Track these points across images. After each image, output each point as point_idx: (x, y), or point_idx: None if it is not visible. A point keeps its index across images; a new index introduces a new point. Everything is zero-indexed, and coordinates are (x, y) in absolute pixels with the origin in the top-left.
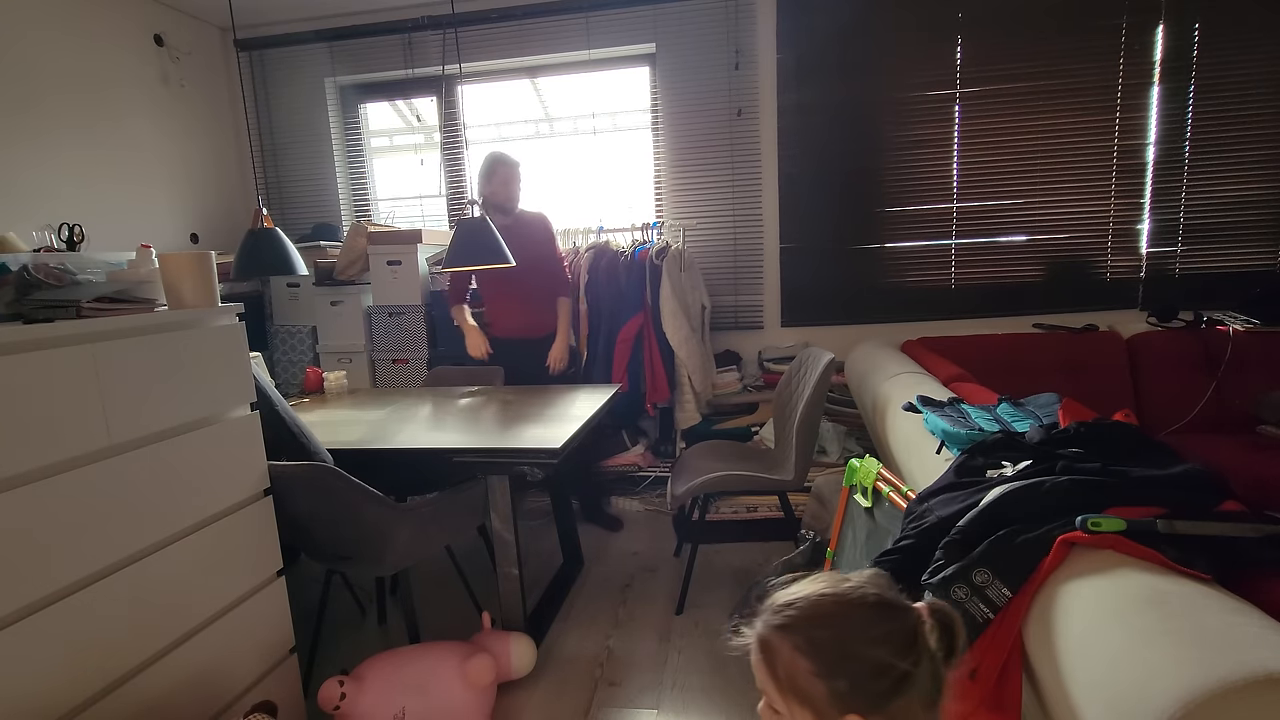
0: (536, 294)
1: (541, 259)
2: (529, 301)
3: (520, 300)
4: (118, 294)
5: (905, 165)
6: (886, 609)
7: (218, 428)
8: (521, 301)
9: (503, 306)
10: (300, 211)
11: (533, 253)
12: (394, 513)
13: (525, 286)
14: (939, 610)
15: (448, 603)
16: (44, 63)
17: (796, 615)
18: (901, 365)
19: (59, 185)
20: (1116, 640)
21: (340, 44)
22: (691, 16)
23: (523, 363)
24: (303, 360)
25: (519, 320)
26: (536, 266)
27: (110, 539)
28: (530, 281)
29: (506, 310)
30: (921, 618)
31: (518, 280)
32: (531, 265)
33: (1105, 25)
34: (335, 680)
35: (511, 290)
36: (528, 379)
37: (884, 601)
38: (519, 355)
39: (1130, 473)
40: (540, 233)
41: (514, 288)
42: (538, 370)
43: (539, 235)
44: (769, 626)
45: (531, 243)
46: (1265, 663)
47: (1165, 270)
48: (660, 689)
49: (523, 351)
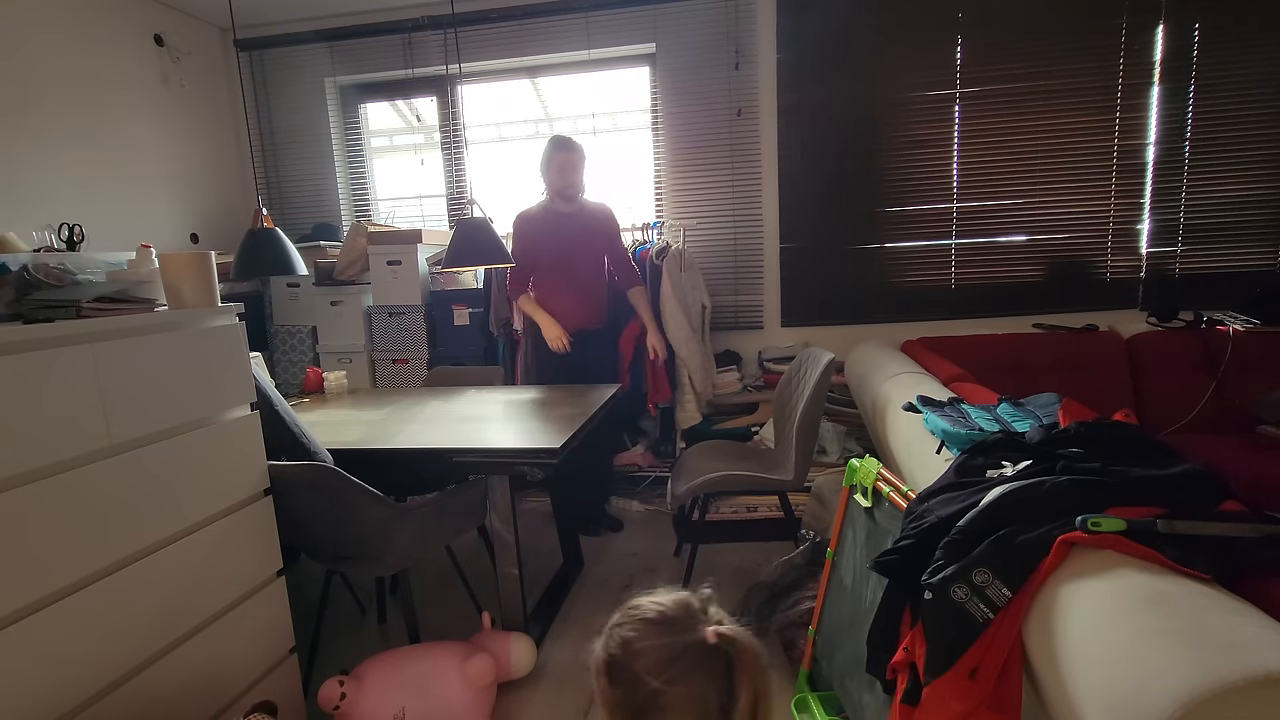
0: (597, 286)
1: (606, 250)
2: (590, 293)
3: (581, 292)
4: (118, 294)
5: (905, 165)
6: (659, 625)
7: (218, 428)
8: (582, 293)
9: (564, 299)
10: (300, 211)
11: (597, 244)
12: (394, 513)
13: (586, 278)
14: (725, 638)
15: (448, 603)
16: (44, 63)
17: (614, 624)
18: (901, 365)
19: (59, 185)
20: (1116, 640)
21: (340, 44)
22: (691, 16)
23: (586, 357)
24: (303, 360)
25: (581, 313)
26: (599, 258)
27: (110, 539)
28: (592, 273)
29: (568, 302)
30: (704, 641)
31: (579, 271)
32: (595, 256)
33: (1105, 25)
34: (335, 680)
35: (572, 282)
36: (593, 374)
37: (663, 618)
38: (582, 348)
39: (1130, 473)
40: (605, 223)
41: (575, 279)
42: (600, 364)
43: (603, 226)
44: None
45: (598, 233)
46: (1265, 663)
47: (1165, 270)
48: None
49: (584, 344)
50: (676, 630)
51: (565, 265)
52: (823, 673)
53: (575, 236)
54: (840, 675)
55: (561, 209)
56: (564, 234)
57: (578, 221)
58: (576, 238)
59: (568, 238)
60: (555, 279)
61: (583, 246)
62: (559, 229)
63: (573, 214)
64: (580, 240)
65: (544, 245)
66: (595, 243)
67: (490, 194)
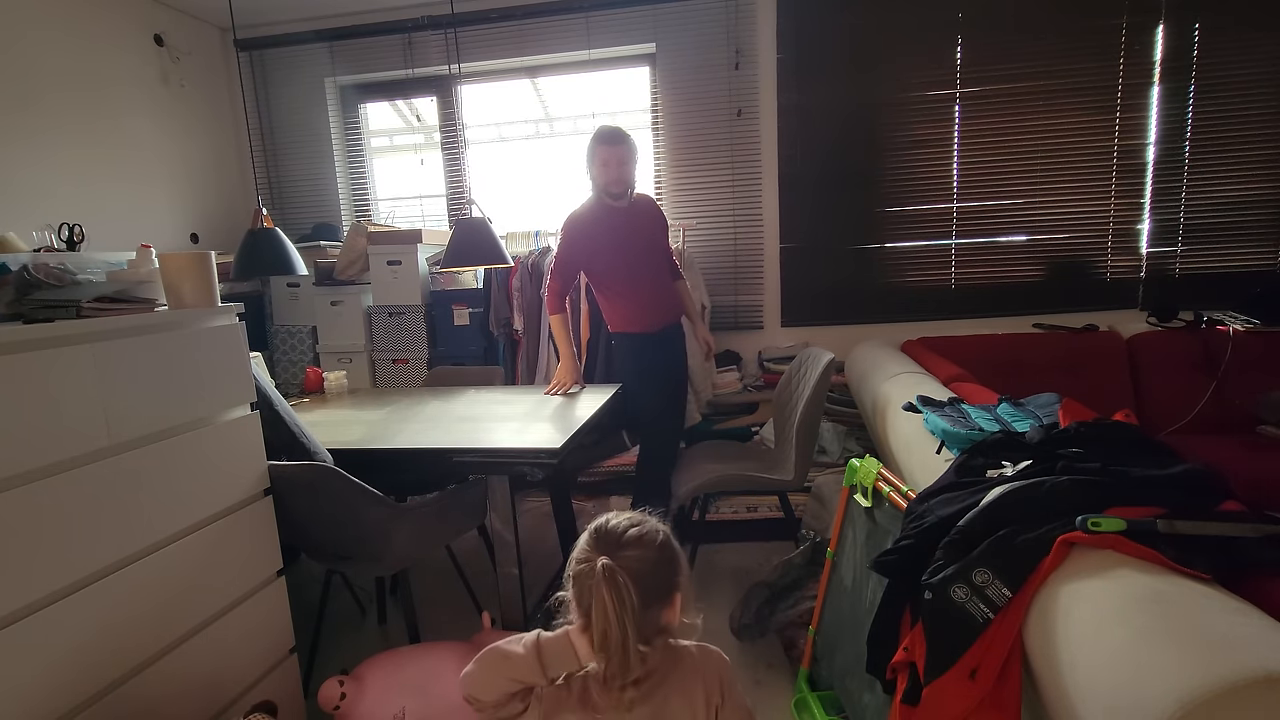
0: (666, 280)
1: (663, 244)
2: (665, 288)
3: (659, 289)
4: (118, 294)
5: (905, 165)
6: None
7: (218, 428)
8: (660, 290)
9: (644, 298)
10: (300, 211)
11: (656, 238)
12: (394, 513)
13: (657, 274)
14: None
15: (448, 603)
16: (44, 63)
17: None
18: (901, 365)
19: (59, 185)
20: (1116, 640)
21: (340, 44)
22: (691, 16)
23: (678, 353)
24: (303, 360)
25: (665, 310)
26: (660, 252)
27: (110, 539)
28: (661, 268)
29: (650, 301)
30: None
31: (650, 269)
32: (658, 251)
33: (1105, 25)
34: (335, 680)
35: (647, 281)
36: (684, 369)
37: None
38: (674, 345)
39: (1130, 473)
40: (657, 216)
41: (649, 277)
42: (685, 358)
43: (656, 218)
44: None
45: (655, 227)
46: (1265, 663)
47: (1165, 270)
48: None
49: (674, 340)
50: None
51: (634, 265)
52: (823, 673)
53: (635, 233)
54: (840, 675)
55: (613, 205)
56: (624, 232)
57: (632, 217)
58: (637, 234)
59: (629, 235)
60: (628, 280)
61: (645, 244)
62: (618, 228)
63: (625, 210)
64: (641, 237)
65: (605, 247)
66: (654, 238)
67: (490, 194)
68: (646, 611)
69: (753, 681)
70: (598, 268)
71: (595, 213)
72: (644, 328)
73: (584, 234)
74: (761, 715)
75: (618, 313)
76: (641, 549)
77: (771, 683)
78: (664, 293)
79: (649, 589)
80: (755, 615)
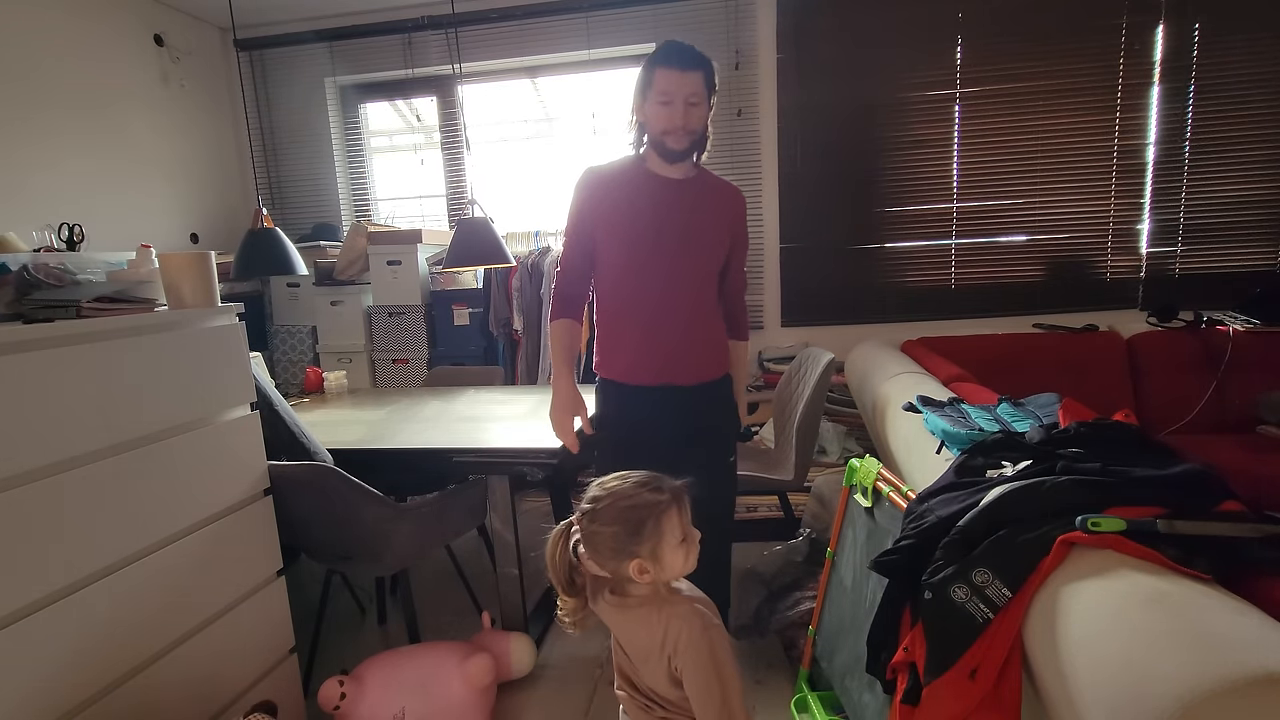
0: (705, 311)
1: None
2: (694, 321)
3: (681, 314)
4: (118, 294)
5: (905, 165)
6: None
7: (218, 428)
8: (682, 316)
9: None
10: (300, 211)
11: (716, 241)
12: (394, 513)
13: (691, 291)
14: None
15: (448, 603)
16: (44, 63)
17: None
18: (901, 365)
19: (59, 185)
20: (1116, 640)
21: (340, 44)
22: (691, 16)
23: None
24: (303, 360)
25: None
26: (714, 264)
27: (110, 539)
28: (700, 285)
29: (656, 337)
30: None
31: (681, 280)
32: (709, 259)
33: (1105, 25)
34: (335, 680)
35: (666, 296)
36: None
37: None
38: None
39: (1130, 473)
40: (733, 211)
41: (672, 292)
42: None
43: (731, 214)
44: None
45: (723, 224)
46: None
47: (1165, 270)
48: None
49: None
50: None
51: (658, 264)
52: (823, 673)
53: (683, 217)
54: (840, 675)
55: (663, 170)
56: (665, 214)
57: (689, 195)
58: (684, 220)
59: (669, 215)
60: (637, 287)
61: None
62: (659, 205)
63: (682, 182)
64: (690, 227)
65: (624, 224)
66: (710, 248)
67: (490, 194)
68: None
69: (753, 681)
70: (602, 253)
71: (629, 173)
72: (621, 372)
73: (604, 196)
74: (762, 715)
75: (599, 337)
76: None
77: (771, 683)
78: (693, 330)
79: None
80: (755, 615)
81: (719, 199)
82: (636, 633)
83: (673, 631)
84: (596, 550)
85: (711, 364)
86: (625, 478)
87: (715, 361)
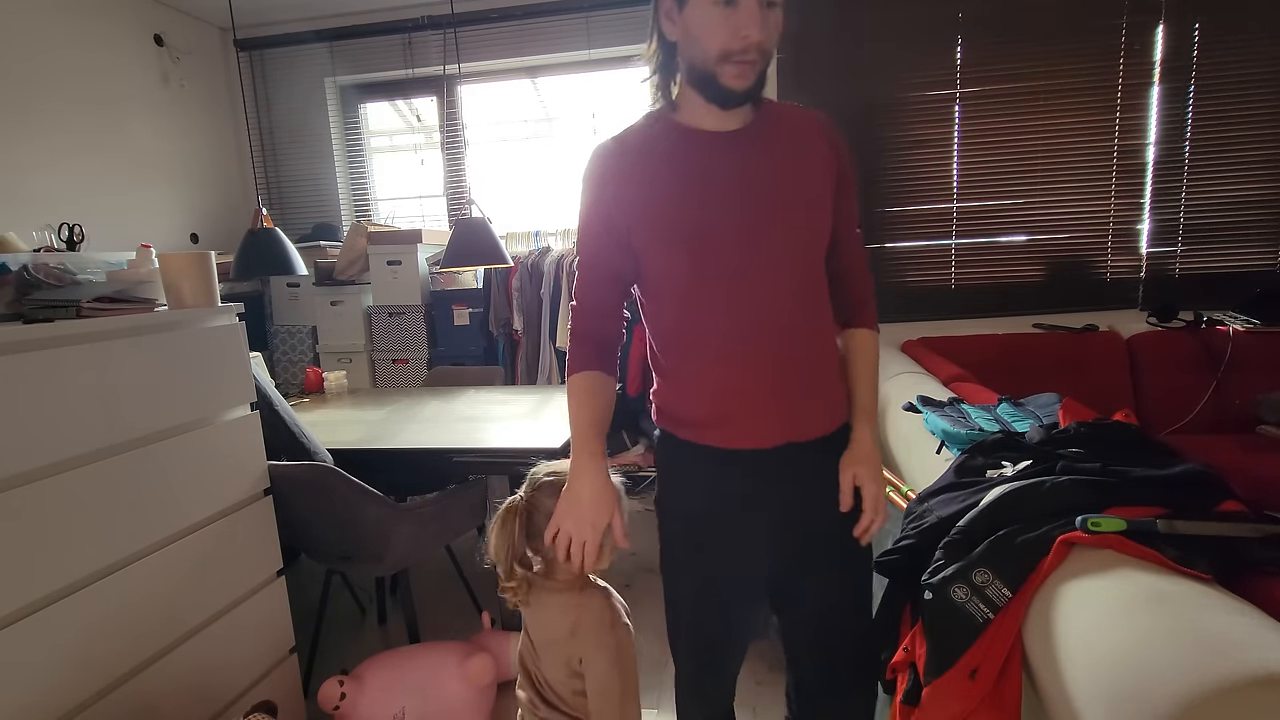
0: (820, 312)
1: (829, 215)
2: (813, 334)
3: (787, 335)
4: (118, 294)
5: (905, 165)
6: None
7: (218, 428)
8: (793, 337)
9: (743, 363)
10: (300, 211)
11: (809, 199)
12: (394, 513)
13: (797, 297)
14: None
15: (448, 603)
16: (44, 63)
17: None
18: (901, 365)
19: (59, 185)
20: (1116, 640)
21: (340, 44)
22: None
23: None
24: (303, 360)
25: (791, 393)
26: (819, 240)
27: (110, 539)
28: (805, 284)
29: (752, 371)
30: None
31: (778, 282)
32: (812, 237)
33: (1105, 25)
34: (335, 680)
35: (765, 316)
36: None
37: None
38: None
39: (1130, 473)
40: (817, 146)
41: (772, 307)
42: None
43: (816, 151)
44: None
45: (803, 170)
46: (1265, 663)
47: (1165, 270)
48: (660, 689)
49: (790, 474)
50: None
51: (740, 258)
52: None
53: (760, 178)
54: None
55: (711, 120)
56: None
57: (759, 145)
58: (762, 182)
59: (739, 183)
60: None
61: (785, 208)
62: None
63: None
64: (773, 188)
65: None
66: (812, 192)
67: (490, 194)
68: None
69: (753, 681)
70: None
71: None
72: (702, 429)
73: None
74: (762, 715)
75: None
76: (551, 494)
77: (772, 683)
78: (807, 357)
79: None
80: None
81: (800, 131)
82: (549, 617)
83: (585, 620)
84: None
85: (843, 396)
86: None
87: (845, 391)
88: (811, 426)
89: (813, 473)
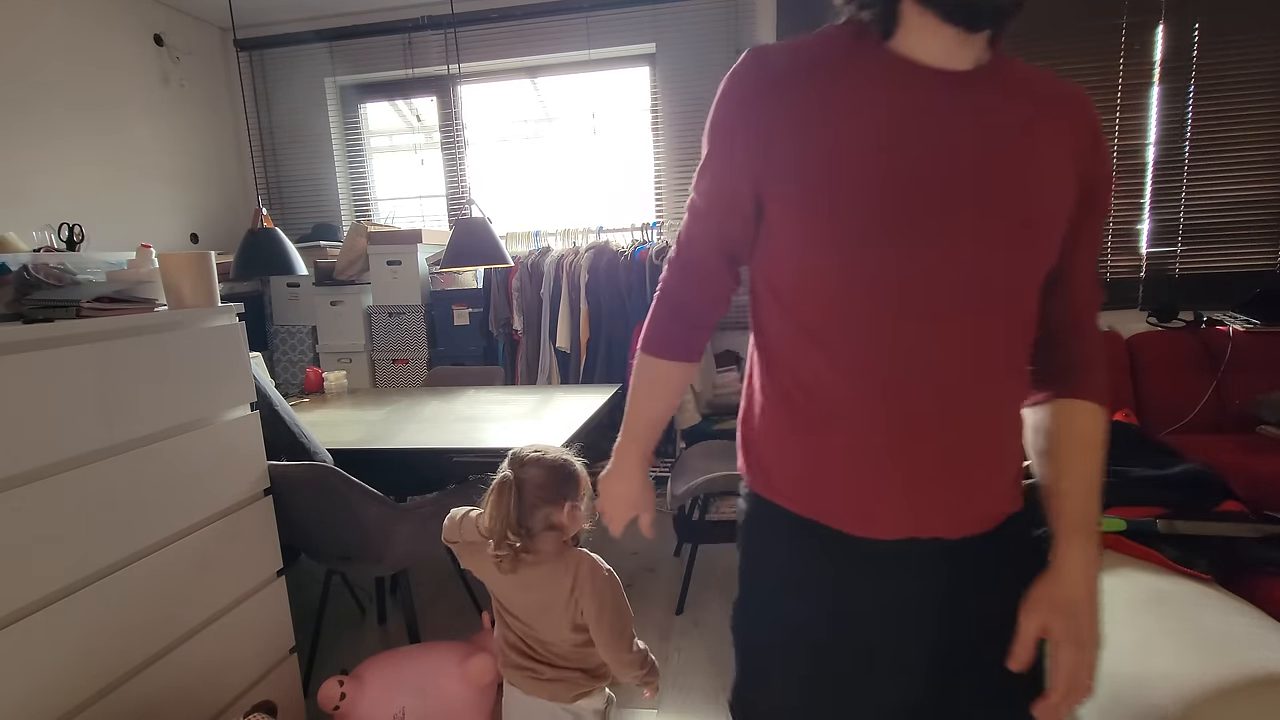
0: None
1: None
2: (1001, 399)
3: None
4: (118, 294)
5: None
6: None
7: (218, 428)
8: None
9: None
10: (300, 211)
11: (1045, 209)
12: (394, 513)
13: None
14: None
15: (448, 603)
16: (44, 63)
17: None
18: None
19: (59, 185)
20: (1117, 640)
21: (340, 44)
22: (691, 16)
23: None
24: (303, 360)
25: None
26: (1040, 265)
27: (110, 539)
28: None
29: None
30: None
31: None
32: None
33: (1105, 25)
34: (335, 680)
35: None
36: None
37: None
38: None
39: (1130, 473)
40: (1067, 135)
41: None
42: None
43: (1062, 142)
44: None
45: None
46: (1265, 663)
47: (1165, 270)
48: (661, 689)
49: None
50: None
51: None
52: None
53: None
54: None
55: (938, 54)
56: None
57: (990, 105)
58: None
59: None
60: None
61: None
62: (922, 122)
63: (971, 76)
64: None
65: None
66: (1051, 198)
67: (490, 194)
68: (535, 510)
69: None
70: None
71: (848, 63)
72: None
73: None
74: None
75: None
76: (538, 468)
77: None
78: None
79: (537, 494)
80: None
81: (1056, 103)
82: (537, 588)
83: (581, 577)
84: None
85: (1017, 482)
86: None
87: (1019, 476)
88: (962, 520)
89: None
